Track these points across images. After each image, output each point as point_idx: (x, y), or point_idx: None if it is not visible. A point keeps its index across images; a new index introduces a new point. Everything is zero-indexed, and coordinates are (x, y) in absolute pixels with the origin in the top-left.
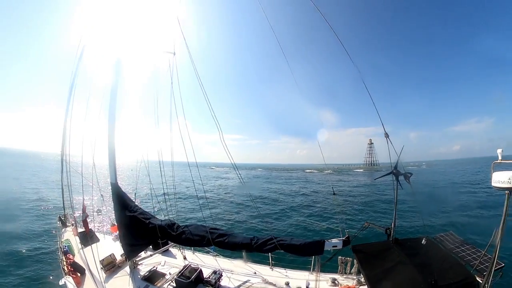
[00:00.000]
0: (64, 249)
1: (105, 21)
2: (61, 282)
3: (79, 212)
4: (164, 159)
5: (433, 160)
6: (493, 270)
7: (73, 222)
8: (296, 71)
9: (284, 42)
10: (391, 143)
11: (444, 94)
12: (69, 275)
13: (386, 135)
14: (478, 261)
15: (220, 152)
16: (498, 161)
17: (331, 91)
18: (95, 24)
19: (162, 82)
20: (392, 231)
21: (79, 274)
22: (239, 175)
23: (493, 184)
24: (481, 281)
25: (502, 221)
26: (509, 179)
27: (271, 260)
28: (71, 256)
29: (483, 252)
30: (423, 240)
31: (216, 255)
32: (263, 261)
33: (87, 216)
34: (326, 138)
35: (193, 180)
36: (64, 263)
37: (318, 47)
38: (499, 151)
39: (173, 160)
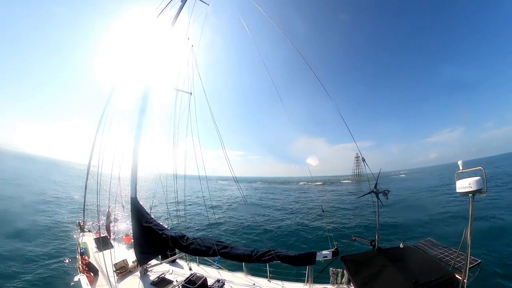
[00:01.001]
0: (81, 251)
1: (137, 62)
2: (75, 279)
3: (103, 218)
4: (176, 172)
5: (414, 169)
6: (468, 266)
7: (95, 225)
8: (287, 101)
9: (277, 79)
10: (367, 165)
11: (419, 110)
12: (84, 273)
13: (363, 159)
14: (454, 260)
15: (223, 165)
16: (460, 171)
17: (318, 116)
18: (127, 63)
19: (179, 110)
20: (376, 242)
21: (92, 274)
22: (242, 194)
23: (458, 190)
24: (460, 278)
25: (469, 221)
26: (469, 184)
27: (269, 273)
28: (86, 258)
29: (458, 251)
30: (401, 244)
31: (219, 267)
32: (261, 274)
33: (111, 222)
34: (316, 164)
35: (202, 193)
36: (80, 262)
37: (304, 82)
38: (459, 162)
39: (186, 174)
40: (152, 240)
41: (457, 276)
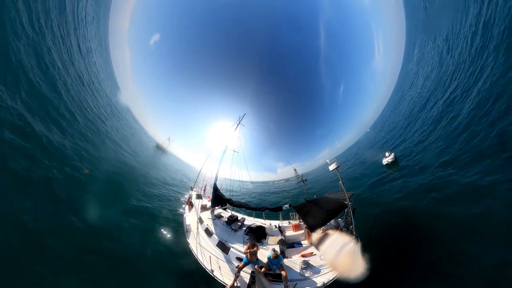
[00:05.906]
0: (189, 196)
1: (223, 138)
2: (182, 206)
3: (202, 188)
4: (229, 177)
5: (310, 171)
6: (348, 197)
7: (199, 190)
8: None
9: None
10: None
11: (312, 146)
12: (187, 205)
13: (295, 170)
14: (342, 196)
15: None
16: (329, 163)
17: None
18: (220, 138)
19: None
20: (306, 199)
21: (191, 207)
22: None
23: (330, 169)
24: (346, 203)
25: (340, 180)
26: (334, 165)
27: (264, 215)
28: (191, 199)
29: (342, 192)
30: (314, 196)
31: (243, 212)
32: (261, 216)
33: (203, 191)
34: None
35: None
36: (187, 201)
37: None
38: (328, 160)
39: (233, 178)
40: (218, 199)
41: (345, 202)
